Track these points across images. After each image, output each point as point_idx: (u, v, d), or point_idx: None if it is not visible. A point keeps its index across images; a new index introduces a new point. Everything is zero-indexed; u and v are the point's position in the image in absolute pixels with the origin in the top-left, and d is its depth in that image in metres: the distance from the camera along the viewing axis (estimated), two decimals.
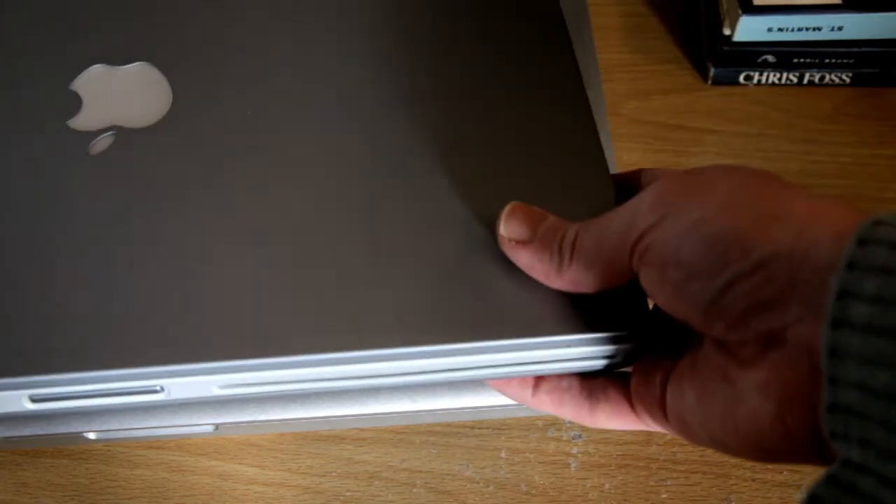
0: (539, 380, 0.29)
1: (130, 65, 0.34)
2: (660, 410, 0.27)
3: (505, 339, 0.26)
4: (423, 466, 0.41)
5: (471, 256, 0.28)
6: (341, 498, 0.40)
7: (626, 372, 0.29)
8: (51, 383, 0.26)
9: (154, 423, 0.38)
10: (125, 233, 0.29)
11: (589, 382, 0.29)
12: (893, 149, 0.51)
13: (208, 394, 0.27)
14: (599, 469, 0.41)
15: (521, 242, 0.27)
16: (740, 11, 0.49)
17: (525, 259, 0.27)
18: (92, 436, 0.39)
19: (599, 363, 0.28)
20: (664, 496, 0.40)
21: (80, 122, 0.32)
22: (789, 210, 0.23)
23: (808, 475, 0.41)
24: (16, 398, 0.26)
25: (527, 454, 0.41)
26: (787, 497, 0.40)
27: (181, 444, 0.41)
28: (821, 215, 0.22)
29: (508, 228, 0.28)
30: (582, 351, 0.27)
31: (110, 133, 0.31)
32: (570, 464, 0.41)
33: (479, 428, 0.42)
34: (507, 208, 0.28)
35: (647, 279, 0.25)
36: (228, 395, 0.27)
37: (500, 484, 0.40)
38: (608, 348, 0.27)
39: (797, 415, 0.22)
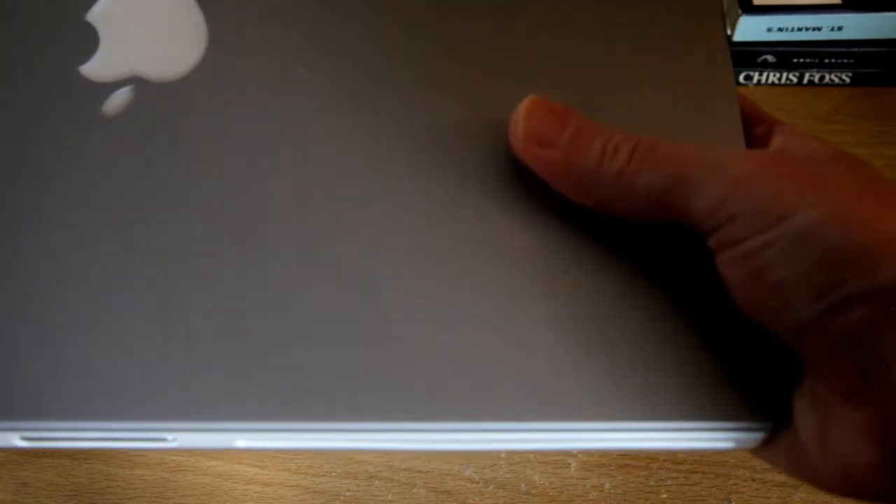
0: None
1: None
2: None
3: (639, 422, 0.23)
4: (423, 466, 0.41)
5: (607, 330, 0.24)
6: (341, 498, 0.40)
7: None
8: (44, 428, 0.22)
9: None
10: (144, 245, 0.24)
11: None
12: (893, 149, 0.51)
13: (229, 445, 0.23)
14: (599, 469, 0.41)
15: (546, 146, 0.22)
16: (740, 11, 0.49)
17: (551, 165, 0.22)
18: None
19: (730, 446, 0.25)
20: (664, 496, 0.40)
21: (95, 68, 0.26)
22: None
23: None
24: (6, 437, 0.22)
25: (527, 454, 0.41)
26: (787, 497, 0.40)
27: None
28: None
29: (528, 129, 0.23)
30: (716, 435, 0.24)
31: (128, 88, 0.25)
32: (570, 464, 0.41)
33: None
34: (523, 105, 0.23)
35: (731, 271, 0.21)
36: (252, 448, 0.23)
37: (500, 484, 0.40)
38: (746, 436, 0.24)
39: None
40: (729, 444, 0.24)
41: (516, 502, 0.40)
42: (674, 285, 0.23)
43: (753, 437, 0.23)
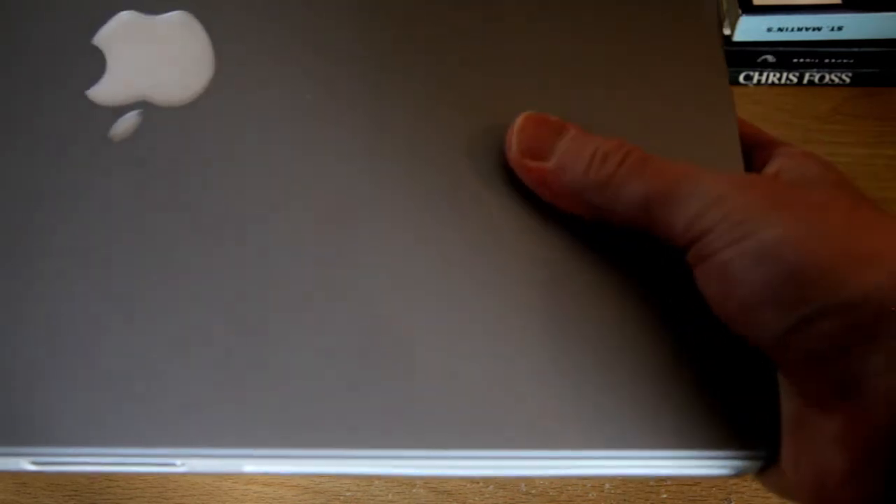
0: None
1: (166, 14, 0.26)
2: None
3: (639, 450, 0.23)
4: None
5: (609, 362, 0.24)
6: (341, 498, 0.40)
7: None
8: (54, 454, 0.22)
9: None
10: (156, 275, 0.23)
11: None
12: (893, 148, 0.51)
13: (237, 470, 0.23)
14: None
15: (540, 158, 0.23)
16: (740, 11, 0.49)
17: (543, 175, 0.23)
18: None
19: (729, 473, 0.25)
20: (664, 496, 0.40)
21: (102, 92, 0.25)
22: (887, 247, 0.20)
23: None
24: (15, 461, 0.23)
25: None
26: None
27: None
28: None
29: (522, 141, 0.23)
30: (711, 463, 0.24)
31: (136, 112, 0.25)
32: None
33: None
34: (519, 119, 0.24)
35: (705, 283, 0.22)
36: (261, 472, 0.23)
37: (499, 484, 0.40)
38: (740, 464, 0.24)
39: (873, 474, 0.20)
40: (727, 472, 0.24)
41: (516, 502, 0.40)
42: (680, 318, 0.24)
43: (752, 465, 0.23)
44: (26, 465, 0.22)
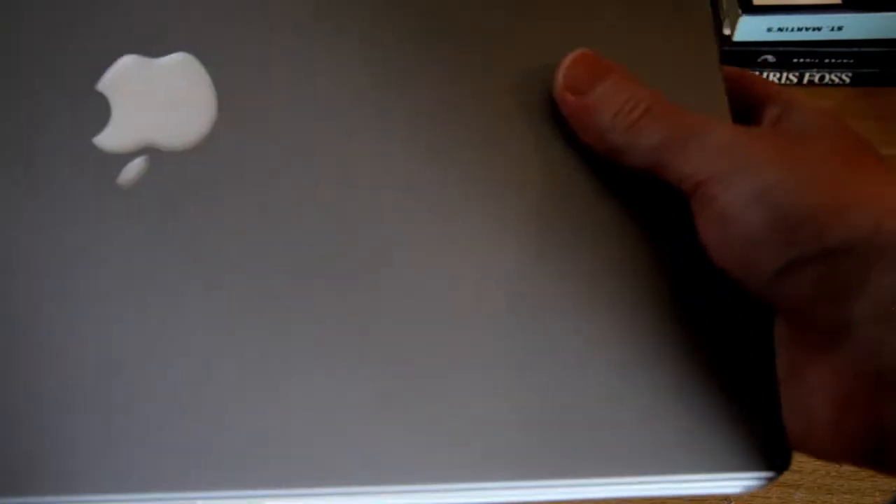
0: None
1: (167, 56, 0.26)
2: None
3: (651, 475, 0.24)
4: None
5: (625, 385, 0.24)
6: None
7: None
8: (73, 501, 0.23)
9: None
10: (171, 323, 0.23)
11: None
12: (893, 149, 0.51)
13: None
14: None
15: (580, 94, 0.24)
16: (740, 11, 0.49)
17: (578, 110, 0.24)
18: None
19: (738, 491, 0.25)
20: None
21: (108, 138, 0.25)
22: (876, 194, 0.21)
23: (809, 475, 0.41)
24: None
25: None
26: (787, 497, 0.40)
27: None
28: None
29: (567, 76, 0.24)
30: (724, 484, 0.24)
31: (142, 158, 0.25)
32: None
33: None
34: (571, 55, 0.25)
35: (705, 228, 0.22)
36: None
37: None
38: (750, 483, 0.25)
39: (856, 422, 0.20)
40: (736, 490, 0.24)
41: None
42: (701, 341, 0.24)
43: (759, 483, 0.24)
44: None
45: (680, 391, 0.24)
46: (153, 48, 0.26)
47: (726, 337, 0.24)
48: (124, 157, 0.25)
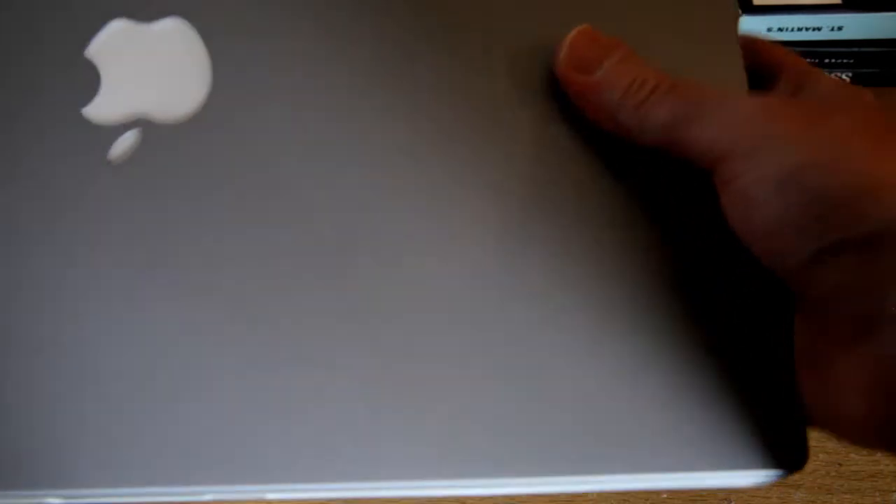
0: None
1: (159, 21, 0.25)
2: None
3: (665, 472, 0.23)
4: None
5: (632, 378, 0.24)
6: None
7: None
8: (81, 495, 0.22)
9: None
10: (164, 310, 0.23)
11: None
12: None
13: (261, 497, 0.23)
14: None
15: (585, 72, 0.23)
16: (740, 11, 0.49)
17: (585, 89, 0.23)
18: None
19: (749, 483, 0.25)
20: (664, 496, 0.40)
21: (98, 108, 0.24)
22: None
23: (809, 475, 0.41)
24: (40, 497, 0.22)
25: None
26: (787, 496, 0.40)
27: None
28: None
29: (570, 54, 0.23)
30: (735, 480, 0.24)
31: (134, 131, 0.24)
32: None
33: None
34: (572, 33, 0.24)
35: (731, 208, 0.21)
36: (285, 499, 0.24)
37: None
38: (763, 480, 0.24)
39: (892, 412, 0.19)
40: (750, 482, 0.24)
41: (516, 502, 0.40)
42: (714, 338, 0.23)
43: (772, 477, 0.23)
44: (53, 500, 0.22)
45: (694, 386, 0.23)
46: (144, 12, 0.25)
47: (741, 327, 0.23)
48: (115, 129, 0.24)
